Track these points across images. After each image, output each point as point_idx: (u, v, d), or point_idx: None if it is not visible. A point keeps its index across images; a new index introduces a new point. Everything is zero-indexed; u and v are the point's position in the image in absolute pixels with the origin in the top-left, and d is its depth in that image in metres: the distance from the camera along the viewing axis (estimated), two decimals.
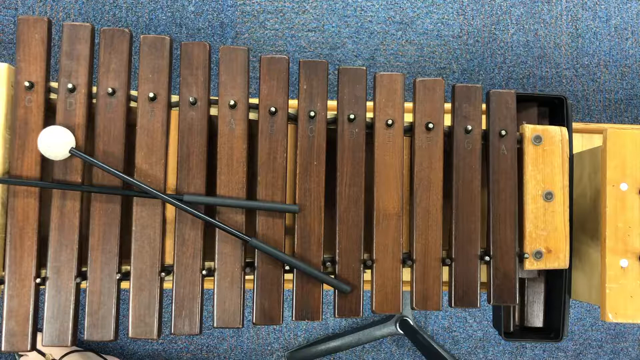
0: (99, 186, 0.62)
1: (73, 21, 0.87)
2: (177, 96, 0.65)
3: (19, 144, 0.62)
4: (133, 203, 0.63)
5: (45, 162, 0.62)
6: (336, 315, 0.65)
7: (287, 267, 0.64)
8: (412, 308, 0.66)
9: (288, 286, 0.65)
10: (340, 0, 1.40)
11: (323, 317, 0.65)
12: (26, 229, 0.61)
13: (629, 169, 0.66)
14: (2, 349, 0.60)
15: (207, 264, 0.64)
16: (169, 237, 0.65)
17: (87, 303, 0.62)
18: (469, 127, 0.67)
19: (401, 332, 1.35)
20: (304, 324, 1.39)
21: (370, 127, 0.67)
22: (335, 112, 0.66)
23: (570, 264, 0.72)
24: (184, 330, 0.62)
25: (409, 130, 0.67)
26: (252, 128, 0.66)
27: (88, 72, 0.63)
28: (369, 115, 0.67)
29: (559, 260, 0.67)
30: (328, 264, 0.65)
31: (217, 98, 0.65)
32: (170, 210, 0.65)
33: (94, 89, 0.64)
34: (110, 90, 0.63)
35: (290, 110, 0.66)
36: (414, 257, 0.66)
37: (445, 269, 0.67)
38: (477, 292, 0.66)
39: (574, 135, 0.92)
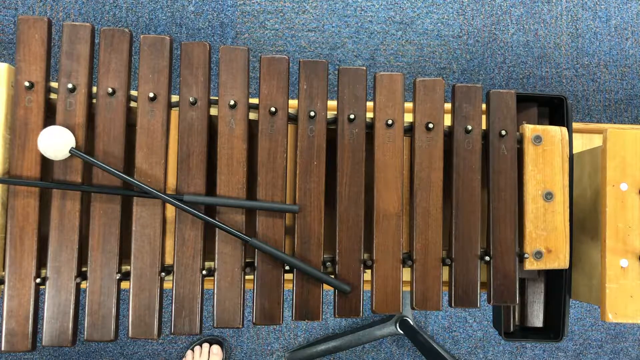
0: (99, 186, 0.62)
1: (73, 21, 0.87)
2: (177, 96, 0.65)
3: (19, 144, 0.62)
4: (133, 203, 0.63)
5: (45, 162, 0.62)
6: (336, 315, 0.65)
7: (287, 267, 0.64)
8: (412, 308, 0.66)
9: (288, 286, 0.65)
10: (340, 0, 1.40)
11: (323, 317, 0.65)
12: (26, 229, 0.61)
13: (629, 169, 0.66)
14: (2, 349, 0.60)
15: (207, 264, 0.64)
16: (169, 237, 0.65)
17: (87, 303, 0.62)
18: (469, 127, 0.67)
19: (401, 332, 1.35)
20: (304, 324, 1.39)
21: (370, 127, 0.67)
22: (335, 112, 0.66)
23: (570, 264, 0.72)
24: (184, 330, 0.62)
25: (409, 130, 0.67)
26: (252, 128, 0.66)
27: (88, 72, 0.63)
28: (369, 115, 0.67)
29: (559, 260, 0.67)
30: (328, 264, 0.65)
31: (217, 98, 0.65)
32: (170, 210, 0.65)
33: (94, 89, 0.64)
34: (110, 90, 0.63)
35: (290, 110, 0.66)
36: (414, 257, 0.66)
37: (445, 269, 0.67)
38: (477, 292, 0.66)
39: (574, 135, 0.92)
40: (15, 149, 0.62)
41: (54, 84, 0.64)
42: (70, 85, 0.62)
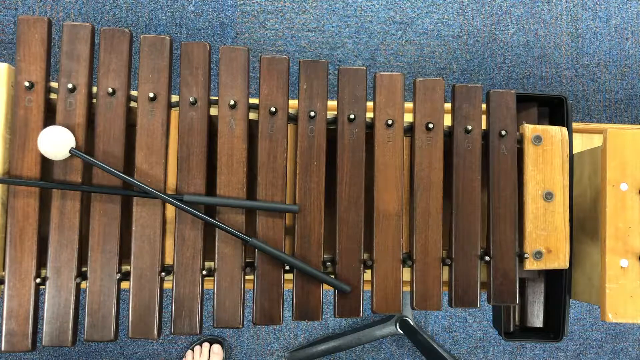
0: (99, 186, 0.62)
1: (73, 21, 0.87)
2: (177, 96, 0.65)
3: (19, 144, 0.62)
4: (133, 203, 0.63)
5: (45, 162, 0.62)
6: (336, 315, 0.65)
7: (287, 267, 0.64)
8: (412, 308, 0.66)
9: (288, 286, 0.65)
10: (340, 0, 1.40)
11: (323, 317, 0.65)
12: (26, 229, 0.61)
13: (629, 169, 0.66)
14: (2, 349, 0.60)
15: (207, 264, 0.64)
16: (169, 237, 0.65)
17: (87, 303, 0.62)
18: (469, 127, 0.67)
19: (401, 332, 1.35)
20: (304, 324, 1.39)
21: (370, 127, 0.67)
22: (335, 112, 0.66)
23: (570, 264, 0.72)
24: (184, 330, 0.62)
25: (409, 130, 0.67)
26: (252, 128, 0.66)
27: (88, 72, 0.63)
28: (369, 115, 0.67)
29: (559, 260, 0.67)
30: (328, 264, 0.65)
31: (217, 98, 0.65)
32: (170, 210, 0.65)
33: (94, 89, 0.64)
34: (110, 90, 0.63)
35: (290, 110, 0.66)
36: (414, 257, 0.66)
37: (445, 269, 0.67)
38: (477, 292, 0.66)
39: (574, 135, 0.92)
40: (15, 149, 0.62)
41: (54, 84, 0.64)
42: (70, 85, 0.62)
